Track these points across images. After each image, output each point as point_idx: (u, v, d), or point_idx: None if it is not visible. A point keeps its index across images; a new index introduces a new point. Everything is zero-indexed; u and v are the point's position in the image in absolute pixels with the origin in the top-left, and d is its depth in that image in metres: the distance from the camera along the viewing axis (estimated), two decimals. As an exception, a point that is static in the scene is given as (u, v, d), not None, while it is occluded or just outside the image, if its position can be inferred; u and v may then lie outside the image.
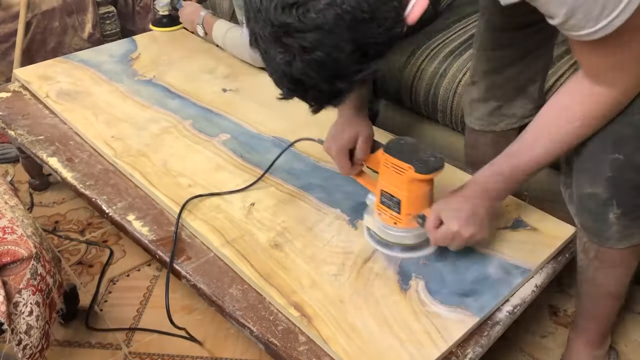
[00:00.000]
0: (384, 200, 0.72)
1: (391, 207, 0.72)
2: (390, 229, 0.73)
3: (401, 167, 0.69)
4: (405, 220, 0.71)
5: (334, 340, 0.63)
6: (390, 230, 0.73)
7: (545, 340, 0.90)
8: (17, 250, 0.67)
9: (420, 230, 0.71)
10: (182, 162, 0.92)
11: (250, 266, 0.73)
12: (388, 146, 0.71)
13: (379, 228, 0.74)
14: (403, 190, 0.70)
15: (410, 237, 0.73)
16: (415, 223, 0.71)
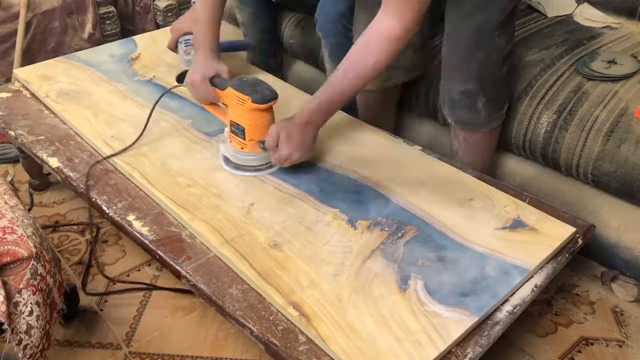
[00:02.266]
0: (233, 129, 0.87)
1: (238, 135, 0.87)
2: (239, 153, 0.88)
3: (242, 98, 0.84)
4: (250, 145, 0.86)
5: (332, 340, 0.63)
6: (239, 155, 0.88)
7: (545, 340, 0.90)
8: (17, 250, 0.67)
9: (263, 154, 0.86)
10: (181, 161, 0.93)
11: (249, 266, 0.73)
12: (234, 82, 0.86)
13: (230, 153, 0.89)
14: (245, 119, 0.85)
15: (254, 159, 0.88)
16: (259, 148, 0.85)
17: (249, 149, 0.86)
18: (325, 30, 1.07)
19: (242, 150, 0.87)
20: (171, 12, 1.70)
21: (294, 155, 0.83)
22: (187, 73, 1.10)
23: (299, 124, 0.82)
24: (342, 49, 1.05)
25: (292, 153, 0.82)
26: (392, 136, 1.01)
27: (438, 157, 0.95)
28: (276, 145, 0.82)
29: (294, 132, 0.82)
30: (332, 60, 1.10)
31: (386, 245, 0.76)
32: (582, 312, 0.95)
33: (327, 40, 1.07)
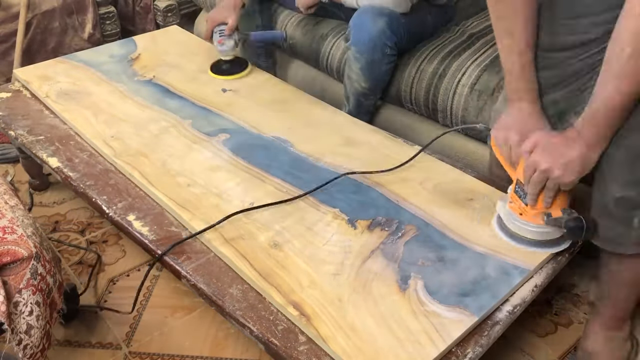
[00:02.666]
0: (517, 189, 0.75)
1: (521, 198, 0.74)
2: (516, 220, 0.75)
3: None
4: (530, 215, 0.73)
5: (332, 340, 0.63)
6: (515, 221, 0.75)
7: (545, 340, 0.90)
8: (17, 250, 0.67)
9: (545, 229, 0.73)
10: (181, 161, 0.93)
11: (249, 265, 0.73)
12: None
13: (506, 215, 0.76)
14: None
15: (531, 231, 0.74)
16: (541, 220, 0.72)
17: (529, 219, 0.73)
18: (361, 45, 1.05)
19: (520, 216, 0.74)
20: (171, 12, 1.70)
21: (554, 171, 0.68)
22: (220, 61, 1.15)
23: (562, 136, 0.69)
24: (377, 66, 1.07)
25: (552, 168, 0.68)
26: (392, 136, 1.01)
27: (438, 157, 0.95)
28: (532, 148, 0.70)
29: (556, 143, 0.68)
30: (363, 74, 1.09)
31: (386, 245, 0.76)
32: (582, 312, 0.95)
33: (363, 56, 1.06)
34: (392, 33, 1.05)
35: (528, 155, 0.71)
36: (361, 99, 1.14)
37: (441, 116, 1.11)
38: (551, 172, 0.68)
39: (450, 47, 1.14)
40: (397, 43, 1.07)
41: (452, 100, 1.08)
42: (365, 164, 0.92)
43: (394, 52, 1.07)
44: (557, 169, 0.68)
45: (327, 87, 1.32)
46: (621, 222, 0.70)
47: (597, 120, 0.66)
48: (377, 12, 1.04)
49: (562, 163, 0.68)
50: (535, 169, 0.69)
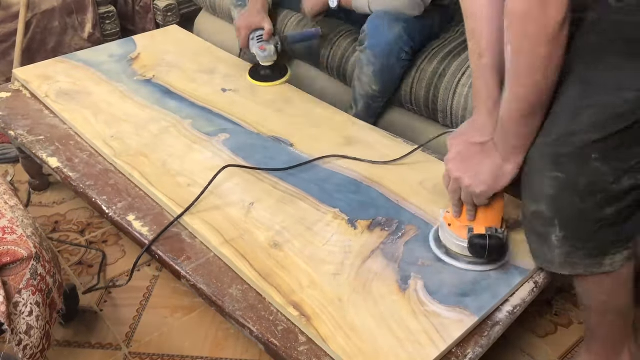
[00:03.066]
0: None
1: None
2: (444, 229, 0.73)
3: None
4: (456, 227, 0.71)
5: (332, 340, 0.63)
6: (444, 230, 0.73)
7: (545, 340, 0.90)
8: (17, 250, 0.67)
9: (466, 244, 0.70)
10: (181, 161, 0.92)
11: (249, 266, 0.73)
12: None
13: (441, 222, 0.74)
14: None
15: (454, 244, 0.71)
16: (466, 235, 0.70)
17: (456, 230, 0.71)
18: (377, 50, 1.05)
19: (449, 227, 0.72)
20: (171, 12, 1.70)
21: (465, 181, 0.66)
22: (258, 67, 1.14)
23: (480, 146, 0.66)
24: (391, 70, 1.07)
25: (462, 177, 0.66)
26: (392, 136, 1.01)
27: (438, 157, 0.95)
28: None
29: (472, 153, 0.66)
30: (375, 78, 1.09)
31: (386, 245, 0.76)
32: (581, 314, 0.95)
33: (378, 60, 1.06)
34: (409, 38, 1.05)
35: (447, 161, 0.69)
36: (370, 102, 1.14)
37: (441, 116, 1.11)
38: (462, 181, 0.66)
39: (450, 47, 1.14)
40: (413, 47, 1.07)
41: (452, 100, 1.08)
42: (365, 163, 0.92)
43: (409, 57, 1.08)
44: (467, 178, 0.65)
45: (327, 87, 1.32)
46: (541, 238, 0.67)
47: (503, 127, 0.63)
48: (393, 18, 1.05)
49: (473, 174, 0.65)
50: (450, 177, 0.68)
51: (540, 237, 0.67)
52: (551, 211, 0.64)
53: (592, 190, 0.62)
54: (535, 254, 0.70)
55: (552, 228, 0.65)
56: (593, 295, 0.71)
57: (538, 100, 0.60)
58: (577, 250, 0.65)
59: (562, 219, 0.64)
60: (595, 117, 0.59)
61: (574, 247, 0.65)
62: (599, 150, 0.60)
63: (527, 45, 0.56)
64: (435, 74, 1.10)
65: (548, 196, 0.63)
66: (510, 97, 0.61)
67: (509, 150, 0.64)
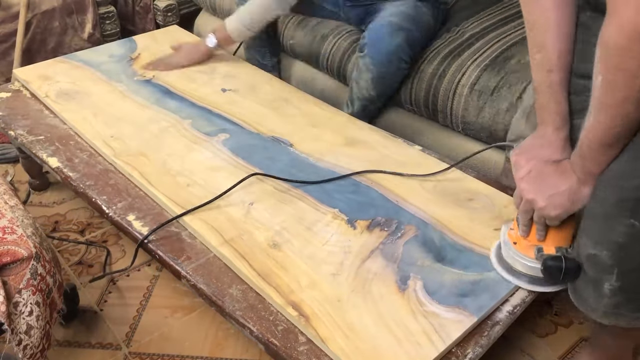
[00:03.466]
0: (518, 216, 0.70)
1: (519, 226, 0.70)
2: (509, 247, 0.70)
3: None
4: (523, 245, 0.69)
5: (331, 340, 0.63)
6: (508, 248, 0.71)
7: (545, 340, 0.90)
8: (17, 250, 0.67)
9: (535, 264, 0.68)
10: (181, 161, 0.92)
11: (248, 266, 0.73)
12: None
13: (503, 241, 0.72)
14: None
15: (520, 263, 0.69)
16: (533, 254, 0.68)
17: (521, 250, 0.69)
18: (377, 59, 1.06)
19: (514, 246, 0.69)
20: (171, 12, 1.70)
21: (538, 202, 0.63)
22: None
23: (556, 167, 0.64)
24: (389, 77, 1.08)
25: (536, 199, 0.63)
26: (392, 136, 1.01)
27: (438, 157, 0.95)
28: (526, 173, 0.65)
29: (547, 174, 0.63)
30: (373, 84, 1.10)
31: (386, 245, 0.76)
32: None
33: (377, 68, 1.07)
34: (409, 47, 1.06)
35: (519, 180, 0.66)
36: (366, 104, 1.15)
37: (441, 116, 1.11)
38: (536, 203, 0.64)
39: (450, 47, 1.14)
40: (412, 57, 1.08)
41: (452, 100, 1.08)
42: (365, 163, 0.92)
43: (407, 65, 1.09)
44: (541, 200, 0.63)
45: (327, 87, 1.32)
46: (592, 283, 0.64)
47: (582, 152, 0.61)
48: (395, 27, 1.06)
49: (548, 195, 0.63)
50: (522, 197, 0.66)
51: (591, 283, 0.64)
52: (613, 259, 0.61)
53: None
54: (579, 295, 0.66)
55: (609, 276, 0.62)
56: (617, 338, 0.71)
57: (624, 132, 0.58)
58: (628, 303, 0.63)
59: (623, 269, 0.61)
60: None
61: (627, 298, 0.63)
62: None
63: (622, 79, 0.54)
64: (435, 74, 1.10)
65: (615, 243, 0.60)
66: (595, 125, 0.58)
67: (587, 174, 0.62)
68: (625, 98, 0.55)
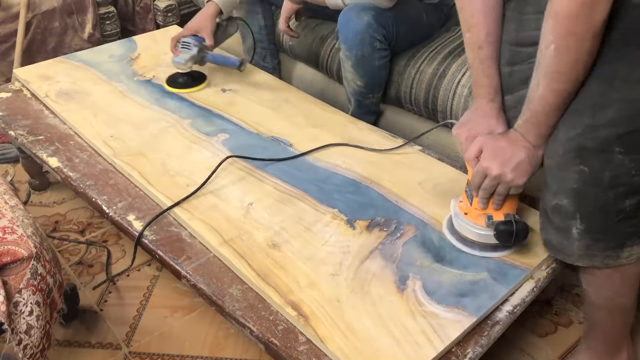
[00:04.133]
0: (466, 189, 0.75)
1: (468, 197, 0.74)
2: (460, 218, 0.75)
3: None
4: (474, 214, 0.73)
5: (330, 340, 0.63)
6: (459, 219, 0.75)
7: (545, 340, 0.90)
8: (17, 250, 0.67)
9: (486, 232, 0.72)
10: (180, 161, 0.93)
11: (247, 266, 0.73)
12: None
13: (454, 213, 0.76)
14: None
15: (473, 233, 0.73)
16: (484, 222, 0.72)
17: (472, 219, 0.73)
18: (349, 41, 1.05)
19: (465, 216, 0.74)
20: (171, 12, 1.70)
21: (507, 176, 0.67)
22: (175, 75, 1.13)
23: (507, 139, 0.68)
24: (367, 61, 1.06)
25: (504, 173, 0.67)
26: (392, 136, 1.01)
27: (438, 157, 0.95)
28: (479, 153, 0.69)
29: (503, 147, 0.68)
30: (356, 72, 1.08)
31: (385, 246, 0.76)
32: (582, 312, 0.95)
33: (352, 52, 1.05)
34: (380, 26, 1.03)
35: (475, 161, 0.70)
36: (360, 99, 1.14)
37: (441, 117, 1.11)
38: (504, 176, 0.68)
39: (450, 47, 1.14)
40: (387, 37, 1.05)
41: (452, 100, 1.08)
42: (365, 163, 0.92)
43: (384, 46, 1.06)
44: (509, 173, 0.67)
45: (327, 88, 1.32)
46: (561, 231, 0.68)
47: (537, 119, 0.65)
48: (362, 8, 1.04)
49: (512, 166, 0.67)
50: (486, 175, 0.69)
51: (560, 230, 0.69)
52: (573, 205, 0.65)
53: (615, 183, 0.63)
54: (553, 246, 0.71)
55: (573, 221, 0.67)
56: (601, 291, 0.73)
57: (574, 93, 0.62)
58: (596, 242, 0.67)
59: (584, 212, 0.66)
60: (620, 112, 0.61)
61: (594, 239, 0.67)
62: (623, 144, 0.61)
63: (574, 43, 0.58)
64: (435, 74, 1.10)
65: (571, 189, 0.65)
66: (546, 93, 0.62)
67: (541, 139, 0.67)
68: (576, 61, 0.60)
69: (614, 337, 0.77)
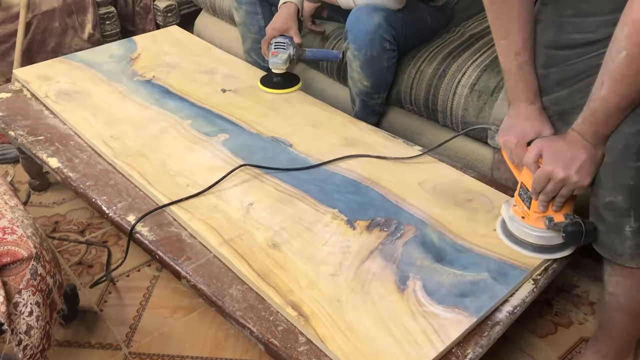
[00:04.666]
0: (521, 192, 0.74)
1: (524, 201, 0.73)
2: (518, 222, 0.74)
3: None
4: (533, 218, 0.72)
5: (330, 340, 0.63)
6: (517, 224, 0.74)
7: (545, 340, 0.90)
8: (17, 250, 0.67)
9: (547, 234, 0.72)
10: (180, 161, 0.93)
11: (247, 266, 0.73)
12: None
13: (509, 218, 0.76)
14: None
15: (533, 235, 0.73)
16: (544, 224, 0.71)
17: (531, 222, 0.73)
18: (359, 41, 1.04)
19: (523, 220, 0.74)
20: (171, 12, 1.70)
21: (572, 178, 0.66)
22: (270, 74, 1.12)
23: (565, 140, 0.68)
24: (376, 62, 1.06)
25: (569, 175, 0.66)
26: (392, 136, 1.01)
27: (437, 158, 0.95)
28: (538, 158, 0.69)
29: (562, 149, 0.67)
30: (363, 72, 1.08)
31: (385, 246, 0.76)
32: (582, 312, 0.95)
33: (361, 52, 1.05)
34: (390, 26, 1.04)
35: (535, 166, 0.69)
36: (365, 99, 1.14)
37: (441, 117, 1.11)
38: (569, 179, 0.67)
39: (450, 47, 1.14)
40: (396, 37, 1.05)
41: (452, 100, 1.08)
42: (365, 163, 0.92)
43: (393, 47, 1.06)
44: (574, 175, 0.66)
45: (328, 88, 1.32)
46: (613, 229, 0.68)
47: (595, 119, 0.65)
48: (372, 9, 1.04)
49: (576, 168, 0.66)
50: (550, 179, 0.68)
51: (612, 228, 0.68)
52: (628, 202, 0.65)
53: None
54: (603, 245, 0.70)
55: (627, 219, 0.66)
56: (635, 295, 0.72)
57: (637, 99, 0.63)
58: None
59: (639, 209, 0.65)
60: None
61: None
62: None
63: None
64: (435, 74, 1.10)
65: (627, 186, 0.65)
66: (609, 95, 0.63)
67: (599, 139, 0.67)
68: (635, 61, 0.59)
69: (629, 342, 0.77)
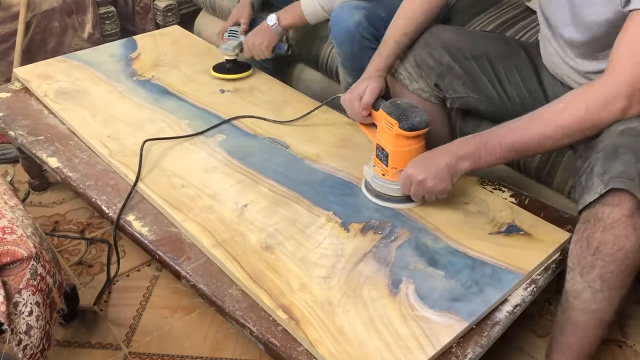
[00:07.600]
0: (377, 153, 0.82)
1: (382, 160, 0.81)
2: (380, 180, 0.82)
3: (390, 122, 0.78)
4: (391, 174, 0.80)
5: (320, 343, 0.63)
6: (379, 181, 0.82)
7: (545, 340, 0.90)
8: (17, 250, 0.68)
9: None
10: (176, 162, 0.93)
11: (240, 268, 0.73)
12: (385, 104, 0.80)
13: (371, 178, 0.83)
14: (390, 144, 0.79)
15: (394, 189, 0.81)
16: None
17: (390, 177, 0.80)
18: (340, 38, 1.05)
19: (383, 177, 0.81)
20: (171, 12, 1.70)
21: (427, 182, 0.73)
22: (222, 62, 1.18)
23: (437, 149, 0.75)
24: (356, 58, 1.06)
25: (425, 179, 0.73)
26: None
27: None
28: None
29: (427, 156, 0.75)
30: (345, 68, 1.09)
31: (378, 249, 0.76)
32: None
33: (342, 49, 1.06)
34: (370, 25, 1.03)
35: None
36: None
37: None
38: (425, 183, 0.75)
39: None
40: (377, 37, 1.04)
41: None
42: (360, 166, 0.92)
43: (373, 45, 1.03)
44: (430, 180, 0.74)
45: (326, 88, 1.32)
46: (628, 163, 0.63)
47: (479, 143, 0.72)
48: (354, 6, 1.04)
49: (433, 174, 0.74)
50: (411, 182, 0.76)
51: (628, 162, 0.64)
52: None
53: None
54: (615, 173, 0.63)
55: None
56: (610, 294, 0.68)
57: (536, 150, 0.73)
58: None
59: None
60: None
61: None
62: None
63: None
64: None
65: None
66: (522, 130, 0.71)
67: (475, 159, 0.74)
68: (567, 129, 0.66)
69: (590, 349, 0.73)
